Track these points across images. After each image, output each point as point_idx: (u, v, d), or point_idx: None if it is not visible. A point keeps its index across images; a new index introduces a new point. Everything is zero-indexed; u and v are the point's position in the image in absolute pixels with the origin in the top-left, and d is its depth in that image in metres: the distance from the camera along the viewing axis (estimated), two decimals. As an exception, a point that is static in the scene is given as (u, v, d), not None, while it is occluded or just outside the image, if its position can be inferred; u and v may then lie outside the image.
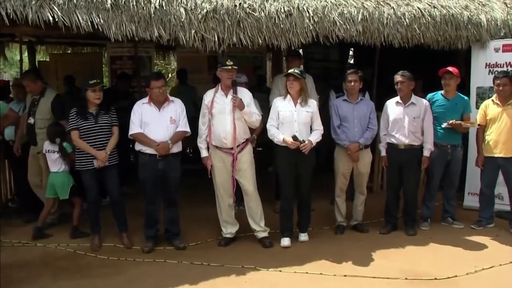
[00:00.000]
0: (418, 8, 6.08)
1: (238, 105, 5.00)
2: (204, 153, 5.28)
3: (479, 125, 5.81)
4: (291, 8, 5.52)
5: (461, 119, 5.74)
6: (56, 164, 5.48)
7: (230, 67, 5.03)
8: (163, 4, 5.08)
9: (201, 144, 5.28)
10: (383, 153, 5.75)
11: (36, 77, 5.80)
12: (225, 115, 5.09)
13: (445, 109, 5.74)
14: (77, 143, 5.12)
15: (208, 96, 5.23)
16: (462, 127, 5.70)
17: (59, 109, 5.67)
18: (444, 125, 5.66)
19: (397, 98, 5.59)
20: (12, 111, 5.71)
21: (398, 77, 5.51)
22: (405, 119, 5.51)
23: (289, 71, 5.22)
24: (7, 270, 4.57)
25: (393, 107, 5.60)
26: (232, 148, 5.13)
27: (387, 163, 5.74)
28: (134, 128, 5.09)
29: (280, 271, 4.66)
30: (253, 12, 5.34)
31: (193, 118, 5.63)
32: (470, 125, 5.78)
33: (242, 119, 5.11)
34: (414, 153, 5.56)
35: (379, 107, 5.86)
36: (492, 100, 5.75)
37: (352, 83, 5.46)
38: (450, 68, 5.70)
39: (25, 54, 8.85)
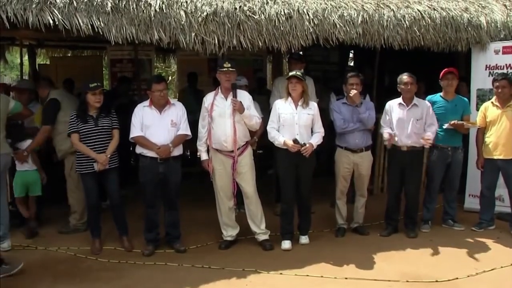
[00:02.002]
0: (418, 10, 6.09)
1: (238, 108, 5.00)
2: (204, 156, 5.28)
3: (479, 127, 5.81)
4: (291, 10, 5.53)
5: (461, 121, 5.73)
6: (28, 162, 5.62)
7: (226, 69, 5.03)
8: (163, 7, 5.09)
9: (201, 147, 5.28)
10: (386, 136, 5.49)
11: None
12: (225, 118, 5.09)
13: (445, 110, 5.73)
14: (77, 146, 5.12)
15: (208, 99, 5.22)
16: (463, 127, 5.69)
17: (48, 113, 5.63)
18: (445, 126, 5.64)
19: (399, 100, 5.57)
20: (26, 109, 5.67)
21: (405, 78, 5.48)
22: (408, 121, 5.49)
23: (291, 73, 5.22)
24: (7, 273, 4.56)
25: (395, 108, 5.58)
26: (232, 151, 5.12)
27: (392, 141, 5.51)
28: (135, 131, 5.09)
29: (281, 274, 4.65)
30: (253, 15, 5.35)
31: (197, 121, 5.62)
32: (471, 125, 5.77)
33: (242, 122, 5.11)
34: (416, 155, 5.56)
35: (379, 109, 5.86)
36: (492, 102, 5.74)
37: (354, 86, 5.45)
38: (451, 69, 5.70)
39: (26, 58, 8.87)
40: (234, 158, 5.14)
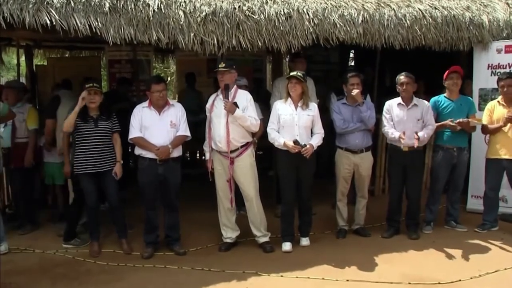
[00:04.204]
0: (419, 9, 6.05)
1: (228, 109, 4.97)
2: (207, 156, 5.30)
3: (484, 124, 5.76)
4: (291, 10, 5.49)
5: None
6: (53, 155, 5.92)
7: (218, 69, 5.03)
8: (162, 7, 5.05)
9: (205, 147, 5.30)
10: (397, 136, 5.41)
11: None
12: (221, 118, 5.07)
13: (451, 110, 5.68)
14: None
15: (210, 100, 5.24)
16: (469, 125, 5.63)
17: (49, 109, 5.72)
18: (451, 122, 5.58)
19: (399, 100, 5.53)
20: (11, 111, 5.63)
21: (402, 78, 5.45)
22: (408, 121, 5.45)
23: (292, 73, 5.18)
24: (4, 277, 4.50)
25: (395, 108, 5.54)
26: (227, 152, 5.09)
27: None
28: (134, 132, 5.06)
29: (282, 276, 4.62)
30: (252, 15, 5.31)
31: (196, 123, 5.57)
32: (477, 122, 5.72)
33: (237, 123, 5.06)
34: (417, 155, 5.51)
35: (380, 109, 5.81)
36: (498, 101, 5.72)
37: (354, 86, 5.40)
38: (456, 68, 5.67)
39: (23, 58, 8.81)
40: (229, 159, 5.10)
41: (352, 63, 10.80)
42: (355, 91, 5.34)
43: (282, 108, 5.19)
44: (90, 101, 5.05)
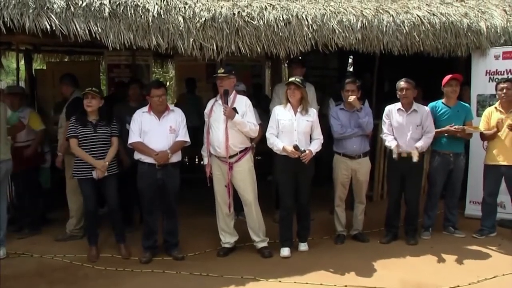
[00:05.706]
0: (418, 15, 6.07)
1: (228, 114, 4.97)
2: (205, 161, 5.30)
3: (481, 131, 5.77)
4: (290, 16, 5.50)
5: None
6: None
7: (217, 75, 5.05)
8: (161, 13, 5.06)
9: (204, 152, 5.30)
10: (393, 146, 5.48)
11: (61, 81, 6.09)
12: (219, 123, 5.07)
13: (448, 117, 5.69)
14: (75, 151, 5.08)
15: (209, 105, 5.25)
16: (465, 132, 5.65)
17: (72, 110, 5.60)
18: (448, 127, 5.59)
19: (399, 105, 5.54)
20: (20, 122, 5.62)
21: (402, 84, 5.46)
22: (407, 127, 5.47)
23: (290, 79, 5.20)
24: (2, 281, 4.49)
25: (395, 114, 5.55)
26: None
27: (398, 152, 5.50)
28: (133, 137, 5.06)
29: (280, 281, 4.61)
30: (251, 21, 5.32)
31: (196, 128, 5.56)
32: (473, 130, 5.74)
33: (236, 128, 5.07)
34: (416, 161, 5.48)
35: (379, 115, 5.82)
36: (495, 108, 5.73)
37: (350, 93, 5.42)
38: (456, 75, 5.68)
39: (22, 62, 8.81)
40: (228, 164, 5.10)
41: (351, 69, 10.81)
42: (351, 98, 5.36)
43: (281, 113, 5.20)
44: (87, 104, 5.06)
